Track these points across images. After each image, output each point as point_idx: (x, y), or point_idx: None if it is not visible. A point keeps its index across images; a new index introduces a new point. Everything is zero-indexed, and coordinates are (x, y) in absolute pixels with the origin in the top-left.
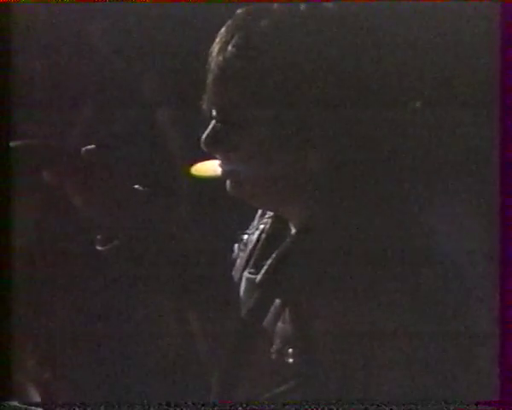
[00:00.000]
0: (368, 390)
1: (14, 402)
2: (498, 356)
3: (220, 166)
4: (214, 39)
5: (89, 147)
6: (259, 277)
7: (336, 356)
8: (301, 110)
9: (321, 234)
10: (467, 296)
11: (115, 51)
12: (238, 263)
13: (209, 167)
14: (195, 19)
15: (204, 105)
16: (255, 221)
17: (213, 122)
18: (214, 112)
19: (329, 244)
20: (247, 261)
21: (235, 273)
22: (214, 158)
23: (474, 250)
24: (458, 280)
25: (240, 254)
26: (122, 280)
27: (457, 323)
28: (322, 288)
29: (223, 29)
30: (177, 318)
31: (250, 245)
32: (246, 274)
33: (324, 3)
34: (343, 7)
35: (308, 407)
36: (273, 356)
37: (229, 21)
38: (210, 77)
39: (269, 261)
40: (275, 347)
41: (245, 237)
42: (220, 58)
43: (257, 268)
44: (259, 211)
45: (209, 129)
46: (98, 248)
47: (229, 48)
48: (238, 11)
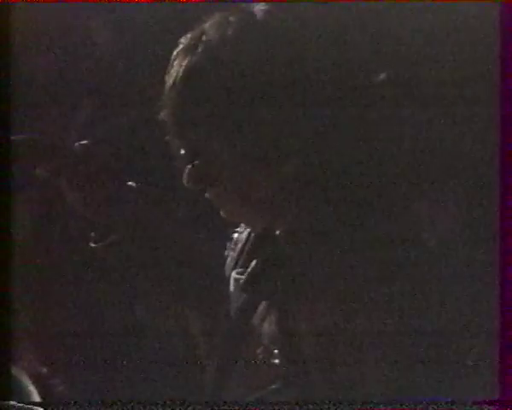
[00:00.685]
0: (355, 391)
1: (14, 402)
2: (496, 353)
3: (207, 195)
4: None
5: (82, 142)
6: (243, 278)
7: (321, 357)
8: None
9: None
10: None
11: (113, 50)
12: (228, 262)
13: None
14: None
15: (162, 115)
16: None
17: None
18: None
19: (312, 248)
20: (237, 261)
21: (225, 272)
22: None
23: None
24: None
25: (230, 253)
26: (116, 276)
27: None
28: (305, 290)
29: (188, 35)
30: (170, 316)
31: (240, 244)
32: (234, 274)
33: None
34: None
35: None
36: (259, 357)
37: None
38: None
39: (253, 263)
40: (261, 347)
41: (235, 236)
42: (184, 64)
43: (244, 269)
44: None
45: (188, 169)
46: (92, 245)
47: (191, 56)
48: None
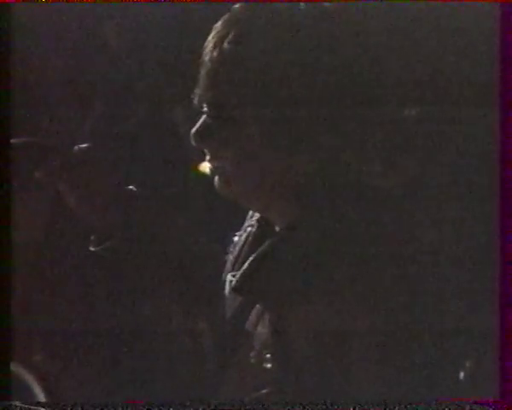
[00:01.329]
0: (348, 394)
1: (14, 402)
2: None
3: (209, 161)
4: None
5: (82, 145)
6: (234, 281)
7: (314, 361)
8: (293, 110)
9: (303, 237)
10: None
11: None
12: (227, 265)
13: (203, 168)
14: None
15: (195, 100)
16: (246, 222)
17: (204, 117)
18: (205, 107)
19: (310, 247)
20: (234, 264)
21: (223, 275)
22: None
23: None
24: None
25: (229, 256)
26: (115, 280)
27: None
28: (297, 292)
29: (218, 23)
30: (169, 318)
31: (238, 247)
32: (229, 277)
33: (323, 3)
34: (341, 6)
35: None
36: (252, 361)
37: (225, 16)
38: (203, 71)
39: (245, 266)
40: (254, 351)
41: (235, 239)
42: (215, 53)
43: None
44: (250, 212)
45: (199, 123)
46: (91, 248)
47: (224, 43)
48: (235, 6)
